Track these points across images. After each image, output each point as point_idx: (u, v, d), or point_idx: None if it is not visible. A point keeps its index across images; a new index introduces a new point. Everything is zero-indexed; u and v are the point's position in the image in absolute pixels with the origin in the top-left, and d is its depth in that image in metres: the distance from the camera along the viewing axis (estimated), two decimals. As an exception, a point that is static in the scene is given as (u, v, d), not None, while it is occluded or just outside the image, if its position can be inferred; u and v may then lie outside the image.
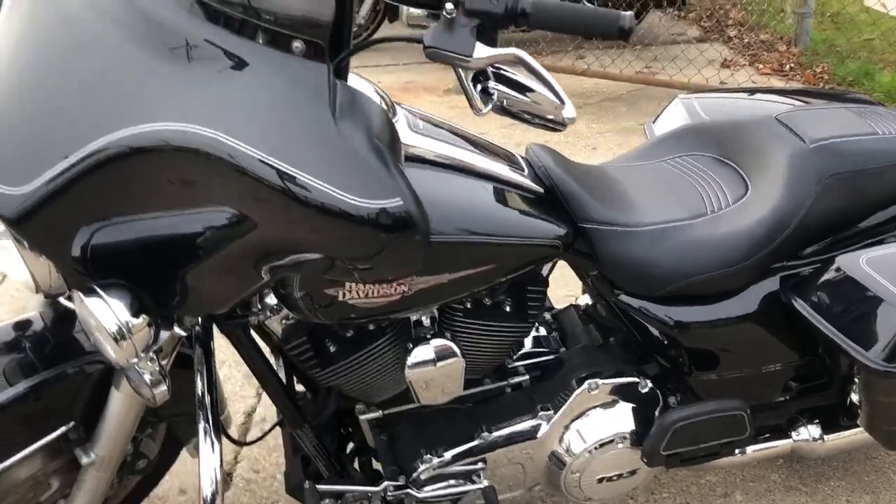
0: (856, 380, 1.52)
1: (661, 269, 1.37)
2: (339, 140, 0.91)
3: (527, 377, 1.53)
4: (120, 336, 1.00)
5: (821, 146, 1.42)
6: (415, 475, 1.43)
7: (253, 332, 1.33)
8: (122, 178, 0.96)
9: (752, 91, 2.19)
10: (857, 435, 1.60)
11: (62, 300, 1.28)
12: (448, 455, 1.44)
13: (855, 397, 1.57)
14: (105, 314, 0.99)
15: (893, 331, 1.26)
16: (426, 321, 1.34)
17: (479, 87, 1.03)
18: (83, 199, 0.97)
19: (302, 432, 1.40)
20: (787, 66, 4.55)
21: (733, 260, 1.37)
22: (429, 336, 1.34)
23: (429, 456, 1.43)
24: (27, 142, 0.98)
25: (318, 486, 1.41)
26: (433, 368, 1.33)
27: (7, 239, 1.08)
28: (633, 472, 1.51)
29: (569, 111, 0.97)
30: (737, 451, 1.53)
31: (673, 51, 4.53)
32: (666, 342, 1.46)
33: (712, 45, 4.74)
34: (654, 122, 1.76)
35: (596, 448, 1.46)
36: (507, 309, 1.41)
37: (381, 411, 1.45)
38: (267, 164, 0.90)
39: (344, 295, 1.17)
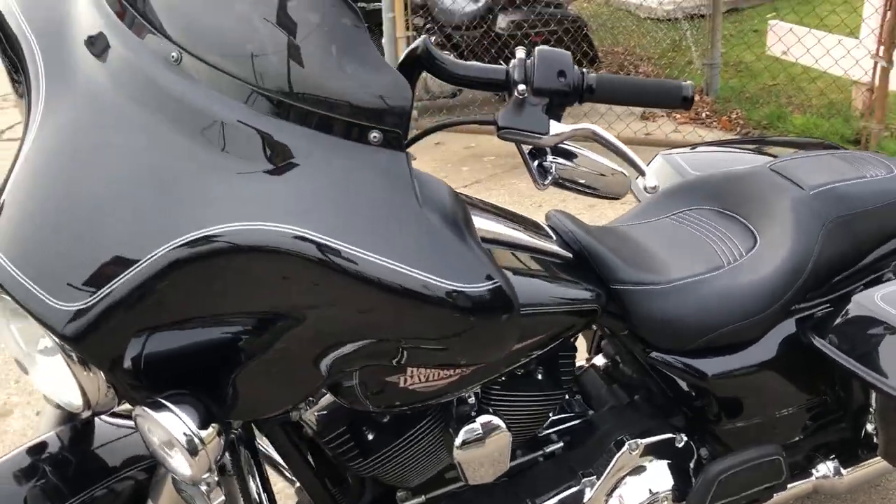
0: (871, 411, 1.59)
1: (693, 324, 1.40)
2: (431, 227, 0.90)
3: (560, 444, 1.52)
4: (194, 449, 0.95)
5: (820, 192, 1.49)
6: None
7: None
8: (188, 284, 0.92)
9: (719, 143, 2.29)
10: (873, 465, 1.66)
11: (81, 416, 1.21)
12: None
13: (870, 427, 1.64)
14: (177, 428, 0.94)
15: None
16: (471, 399, 1.32)
17: (535, 162, 1.04)
18: (147, 308, 0.92)
19: None
20: (704, 114, 4.79)
21: (758, 309, 1.41)
22: (473, 413, 1.31)
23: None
24: (80, 254, 0.93)
25: None
26: (483, 445, 1.30)
27: (50, 356, 1.02)
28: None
29: (650, 180, 0.99)
30: (774, 495, 1.55)
31: (597, 107, 4.72)
32: (695, 394, 1.48)
33: None
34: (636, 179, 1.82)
35: (648, 509, 1.46)
36: (541, 377, 1.40)
37: (423, 496, 1.41)
38: (360, 257, 0.88)
39: (405, 381, 1.14)
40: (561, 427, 1.54)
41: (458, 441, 1.29)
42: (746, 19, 5.02)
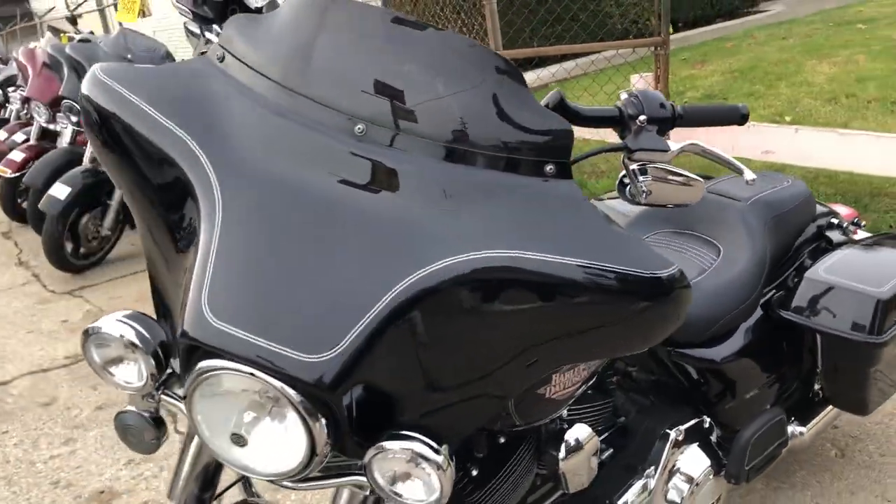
0: (818, 369, 1.95)
1: (703, 319, 1.68)
2: (617, 231, 1.08)
3: (610, 451, 1.70)
4: (443, 471, 1.03)
5: (754, 201, 1.88)
6: None
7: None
8: (417, 320, 1.01)
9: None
10: (824, 418, 2.03)
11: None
12: None
13: (817, 386, 2.01)
14: (425, 452, 1.01)
15: (870, 308, 1.71)
16: (564, 413, 1.48)
17: (627, 187, 1.27)
18: (383, 352, 1.00)
19: None
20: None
21: (743, 298, 1.74)
22: (565, 427, 1.47)
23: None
24: (318, 311, 0.99)
25: None
26: (582, 452, 1.46)
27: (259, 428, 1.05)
28: (718, 499, 1.75)
29: (748, 175, 1.26)
30: (781, 451, 1.85)
31: None
32: (708, 378, 1.75)
33: None
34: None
35: (696, 486, 1.67)
36: (598, 386, 1.60)
37: None
38: (572, 264, 1.03)
39: (549, 391, 1.29)
40: (605, 435, 1.73)
41: (562, 454, 1.44)
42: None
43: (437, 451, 1.01)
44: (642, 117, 1.18)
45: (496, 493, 1.41)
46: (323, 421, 0.99)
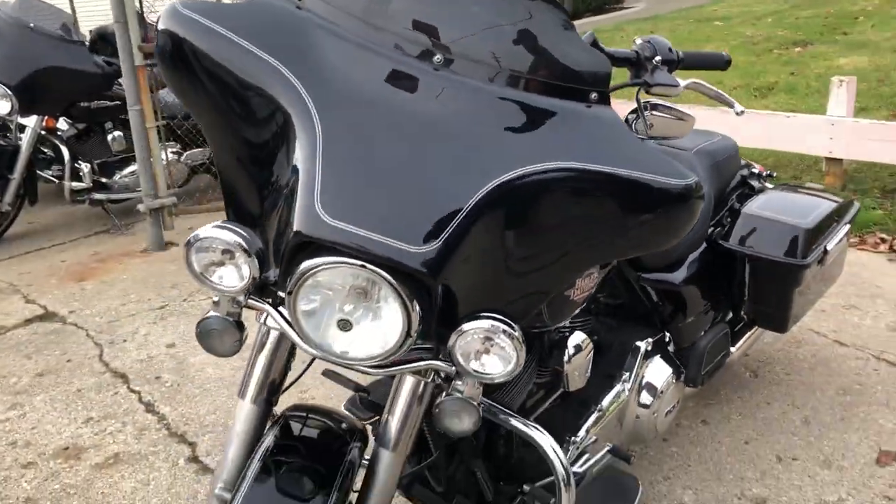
0: (745, 295, 2.29)
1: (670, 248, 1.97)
2: (652, 148, 1.31)
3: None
4: (519, 342, 1.23)
5: (697, 151, 2.18)
6: (570, 453, 1.74)
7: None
8: (502, 216, 1.21)
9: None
10: (749, 339, 2.37)
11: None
12: (581, 434, 1.79)
13: (742, 312, 2.35)
14: (505, 327, 1.21)
15: (798, 236, 2.05)
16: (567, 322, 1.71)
17: (637, 119, 1.51)
18: (470, 246, 1.19)
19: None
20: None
21: (699, 229, 2.03)
22: (566, 335, 1.70)
23: (573, 438, 1.77)
24: (423, 210, 1.17)
25: None
26: (582, 353, 1.70)
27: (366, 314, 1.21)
28: (679, 402, 2.04)
29: (738, 107, 1.52)
30: (725, 361, 2.17)
31: None
32: (669, 299, 2.03)
33: None
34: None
35: (662, 391, 1.95)
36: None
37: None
38: (619, 174, 1.26)
39: (573, 294, 1.51)
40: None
41: (566, 356, 1.67)
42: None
43: (512, 326, 1.21)
44: (658, 58, 1.43)
45: (507, 396, 1.62)
46: (417, 306, 1.17)
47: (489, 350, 1.24)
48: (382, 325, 1.19)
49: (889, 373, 2.63)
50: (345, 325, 1.21)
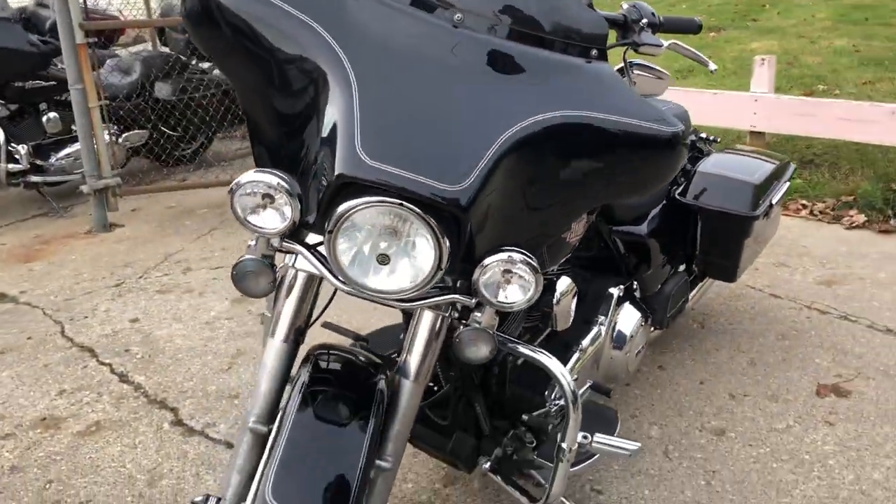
0: (696, 254, 2.50)
1: (634, 203, 2.14)
2: (644, 100, 1.47)
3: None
4: (537, 272, 1.37)
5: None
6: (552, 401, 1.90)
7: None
8: (520, 157, 1.35)
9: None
10: (700, 290, 2.58)
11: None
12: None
13: (695, 267, 2.56)
14: (524, 258, 1.35)
15: (749, 191, 2.26)
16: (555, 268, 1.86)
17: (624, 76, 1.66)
18: (494, 184, 1.33)
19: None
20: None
21: (661, 187, 2.21)
22: (554, 279, 1.86)
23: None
24: (454, 151, 1.29)
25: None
26: (568, 296, 1.85)
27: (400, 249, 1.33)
28: (646, 343, 2.23)
29: (712, 66, 1.69)
30: (685, 307, 2.37)
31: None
32: (637, 249, 2.21)
33: None
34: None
35: (633, 333, 2.13)
36: None
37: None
38: (620, 120, 1.41)
39: (569, 236, 1.66)
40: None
41: (556, 298, 1.82)
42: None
43: (530, 257, 1.35)
44: (644, 21, 1.58)
45: (506, 332, 1.76)
46: (447, 241, 1.29)
47: (510, 281, 1.37)
48: (416, 260, 1.31)
49: (820, 319, 2.90)
50: (383, 260, 1.32)
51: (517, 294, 1.37)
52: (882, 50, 6.46)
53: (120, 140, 4.98)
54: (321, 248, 1.40)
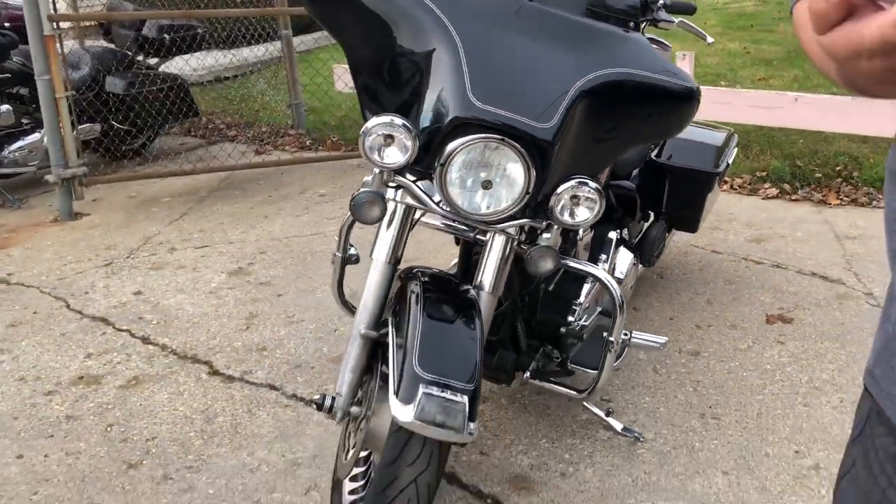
0: (662, 211, 2.94)
1: (628, 161, 2.56)
2: (669, 62, 1.87)
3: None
4: (600, 193, 1.75)
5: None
6: (577, 313, 2.28)
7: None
8: (595, 103, 1.72)
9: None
10: (667, 241, 3.03)
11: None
12: (581, 300, 2.33)
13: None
14: (591, 183, 1.73)
15: (712, 151, 2.71)
16: None
17: None
18: (570, 124, 1.70)
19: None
20: (307, 142, 5.85)
21: (644, 148, 2.64)
22: None
23: (577, 302, 2.31)
24: (545, 97, 1.66)
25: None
26: (587, 235, 2.24)
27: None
28: (636, 280, 2.64)
29: (710, 39, 2.11)
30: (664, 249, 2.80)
31: (213, 151, 5.37)
32: (627, 201, 2.62)
33: (234, 145, 5.77)
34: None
35: (628, 271, 2.54)
36: None
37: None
38: (658, 78, 1.79)
39: (601, 178, 2.04)
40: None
41: (580, 236, 2.21)
42: (306, 68, 6.23)
43: (597, 182, 1.72)
44: (660, 2, 1.99)
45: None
46: (534, 170, 1.65)
47: (577, 204, 1.74)
48: (510, 186, 1.66)
49: (756, 268, 3.41)
50: (486, 185, 1.66)
51: (585, 214, 1.74)
52: (770, 52, 7.25)
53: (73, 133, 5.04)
54: (420, 186, 1.73)
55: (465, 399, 1.52)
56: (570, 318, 2.21)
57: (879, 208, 4.05)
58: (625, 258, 2.53)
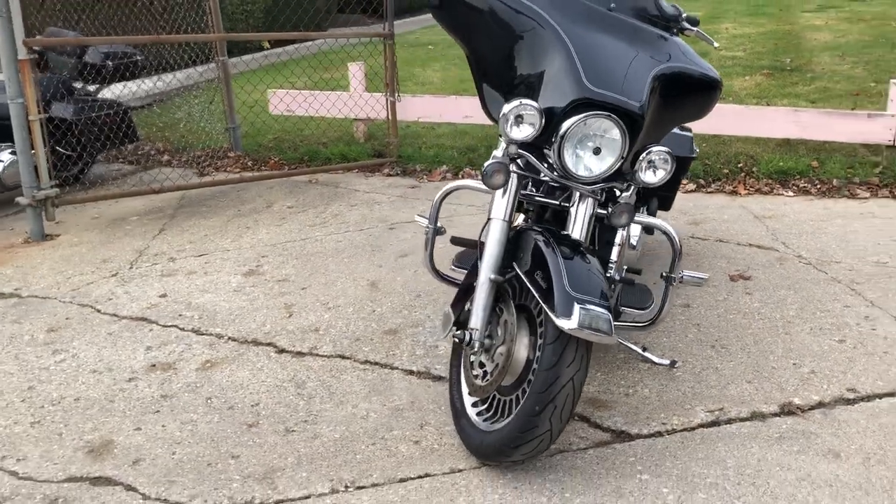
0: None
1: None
2: (704, 61, 2.42)
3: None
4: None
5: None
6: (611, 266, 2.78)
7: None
8: (657, 89, 2.24)
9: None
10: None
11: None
12: (614, 256, 2.84)
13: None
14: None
15: (689, 141, 3.32)
16: None
17: None
18: (650, 104, 2.21)
19: None
20: (248, 163, 6.07)
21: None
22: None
23: (612, 257, 2.81)
24: (632, 80, 2.16)
25: None
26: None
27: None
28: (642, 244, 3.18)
29: (716, 44, 2.68)
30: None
31: (152, 174, 5.50)
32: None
33: (172, 169, 5.93)
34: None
35: (638, 236, 3.06)
36: None
37: None
38: (697, 70, 2.34)
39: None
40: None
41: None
42: (241, 90, 6.43)
43: (668, 152, 2.25)
44: (684, 15, 2.55)
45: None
46: (629, 140, 2.16)
47: (654, 169, 2.25)
48: (612, 152, 2.16)
49: (704, 243, 4.06)
50: (597, 151, 2.15)
51: (660, 174, 2.25)
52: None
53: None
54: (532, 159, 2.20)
55: (608, 311, 1.98)
56: (610, 272, 2.72)
57: (780, 195, 4.87)
58: (635, 228, 3.07)
